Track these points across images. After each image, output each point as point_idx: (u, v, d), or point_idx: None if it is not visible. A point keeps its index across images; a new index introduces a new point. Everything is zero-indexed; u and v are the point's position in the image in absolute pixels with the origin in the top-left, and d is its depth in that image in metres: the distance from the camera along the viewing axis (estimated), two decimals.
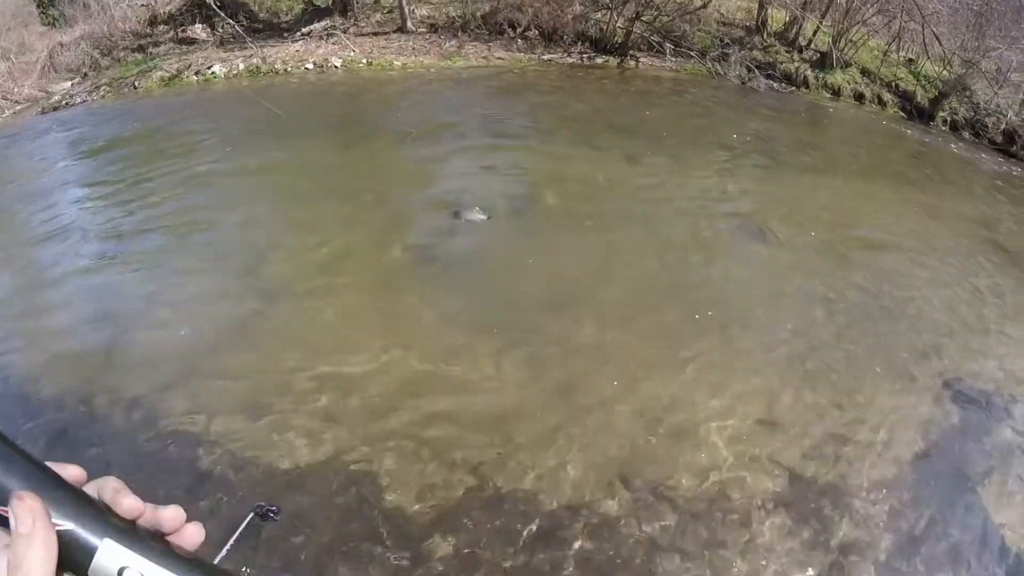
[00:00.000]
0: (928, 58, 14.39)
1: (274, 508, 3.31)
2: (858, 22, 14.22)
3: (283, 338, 5.22)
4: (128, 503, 0.53)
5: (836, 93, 13.72)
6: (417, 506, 3.85)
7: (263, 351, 5.09)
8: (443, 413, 4.48)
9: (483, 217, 6.74)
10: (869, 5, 14.21)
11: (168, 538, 0.54)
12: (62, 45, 18.87)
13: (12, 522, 0.47)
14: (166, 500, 1.96)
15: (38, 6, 30.26)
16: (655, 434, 4.35)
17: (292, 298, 5.72)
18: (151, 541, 0.51)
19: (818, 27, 14.66)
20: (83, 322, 5.65)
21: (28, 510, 0.47)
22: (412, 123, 10.41)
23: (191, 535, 0.56)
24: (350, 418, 4.43)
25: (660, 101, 12.07)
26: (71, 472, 0.53)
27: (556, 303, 5.61)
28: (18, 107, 15.86)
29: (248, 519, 3.12)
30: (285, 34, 16.25)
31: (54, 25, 26.30)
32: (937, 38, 13.98)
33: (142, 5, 18.43)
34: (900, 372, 5.18)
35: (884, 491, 4.14)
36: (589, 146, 9.28)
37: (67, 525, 0.49)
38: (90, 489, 0.54)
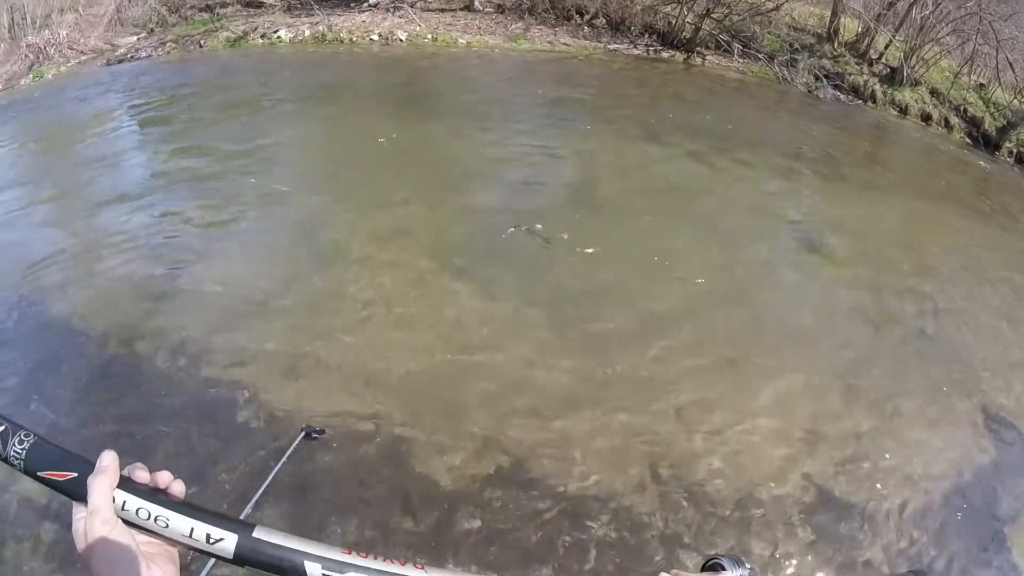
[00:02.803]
0: (1000, 85, 13.96)
1: (320, 430, 3.42)
2: (932, 40, 13.87)
3: (332, 299, 5.34)
4: (140, 474, 0.84)
5: (903, 111, 13.41)
6: (447, 477, 3.95)
7: (310, 309, 5.23)
8: (484, 393, 4.56)
9: (539, 227, 6.68)
10: (944, 24, 13.86)
11: (167, 490, 0.84)
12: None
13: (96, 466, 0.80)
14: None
15: None
16: (692, 434, 4.41)
17: (343, 263, 5.83)
18: (154, 493, 0.82)
19: (891, 41, 14.33)
20: (136, 267, 5.86)
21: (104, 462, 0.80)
22: (473, 103, 10.53)
23: (177, 487, 0.84)
24: (391, 385, 4.51)
25: (724, 101, 11.99)
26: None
27: (607, 299, 5.67)
28: (83, 57, 16.25)
29: (299, 438, 3.25)
30: (352, 3, 16.40)
31: None
32: (1011, 65, 13.55)
33: None
34: (941, 402, 5.12)
35: (911, 520, 4.12)
36: (651, 140, 9.30)
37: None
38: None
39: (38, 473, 0.81)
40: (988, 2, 13.38)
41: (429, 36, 14.63)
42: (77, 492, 0.79)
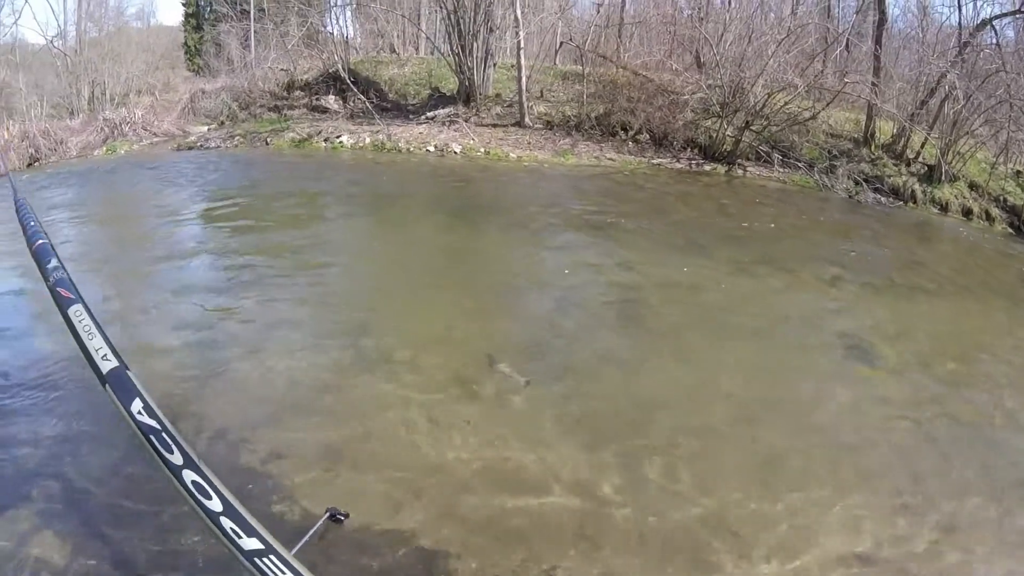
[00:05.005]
0: None
1: (344, 513, 3.58)
2: (966, 133, 14.28)
3: (375, 403, 5.39)
4: None
5: (944, 208, 13.76)
6: None
7: (354, 410, 5.28)
8: (522, 506, 4.48)
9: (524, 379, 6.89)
10: (976, 115, 14.31)
11: None
12: (203, 92, 21.17)
13: None
14: None
15: (186, 53, 33.86)
16: (749, 559, 4.26)
17: (388, 368, 5.93)
18: None
19: (926, 139, 14.78)
20: (185, 350, 6.07)
21: None
22: (522, 215, 11.02)
23: None
24: (430, 495, 4.45)
25: (767, 211, 12.37)
26: None
27: (649, 411, 5.66)
28: (155, 139, 17.95)
29: (323, 519, 3.45)
30: (411, 116, 17.78)
31: (198, 72, 29.31)
32: None
33: (282, 70, 20.52)
34: (1006, 507, 4.99)
35: None
36: (696, 253, 9.64)
37: None
38: None
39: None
40: (1017, 88, 13.82)
41: (482, 150, 15.72)
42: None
